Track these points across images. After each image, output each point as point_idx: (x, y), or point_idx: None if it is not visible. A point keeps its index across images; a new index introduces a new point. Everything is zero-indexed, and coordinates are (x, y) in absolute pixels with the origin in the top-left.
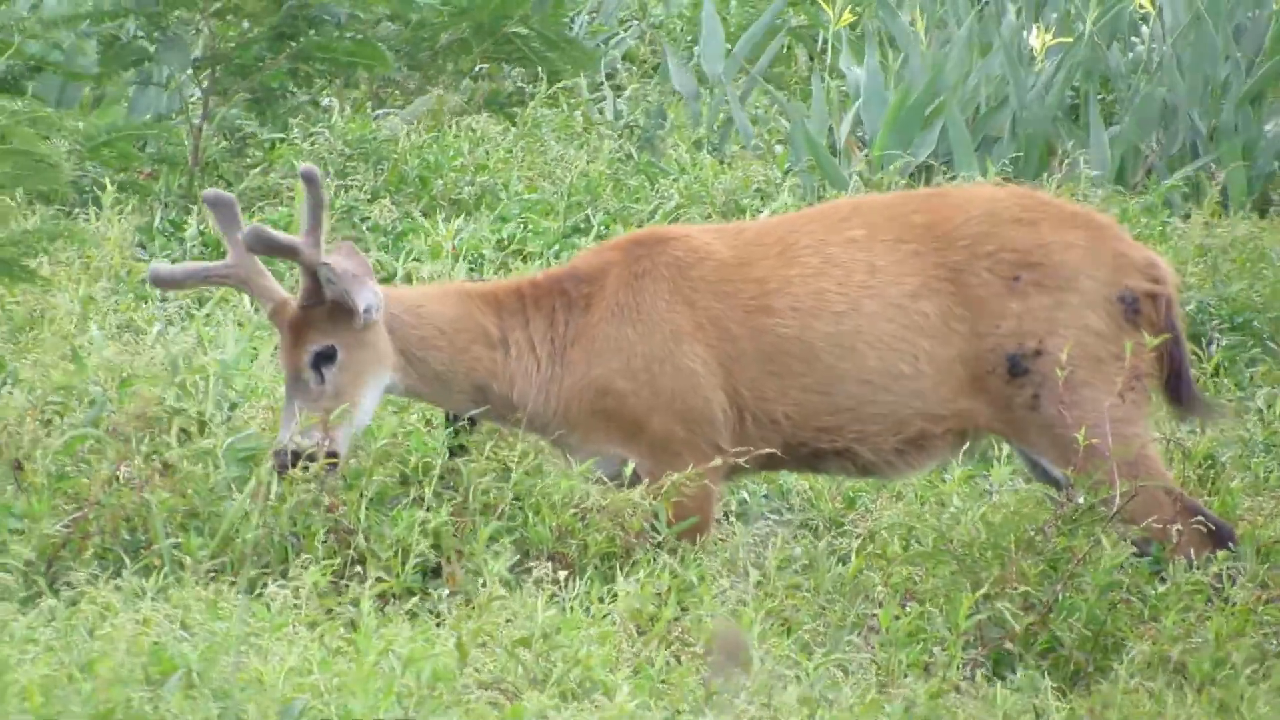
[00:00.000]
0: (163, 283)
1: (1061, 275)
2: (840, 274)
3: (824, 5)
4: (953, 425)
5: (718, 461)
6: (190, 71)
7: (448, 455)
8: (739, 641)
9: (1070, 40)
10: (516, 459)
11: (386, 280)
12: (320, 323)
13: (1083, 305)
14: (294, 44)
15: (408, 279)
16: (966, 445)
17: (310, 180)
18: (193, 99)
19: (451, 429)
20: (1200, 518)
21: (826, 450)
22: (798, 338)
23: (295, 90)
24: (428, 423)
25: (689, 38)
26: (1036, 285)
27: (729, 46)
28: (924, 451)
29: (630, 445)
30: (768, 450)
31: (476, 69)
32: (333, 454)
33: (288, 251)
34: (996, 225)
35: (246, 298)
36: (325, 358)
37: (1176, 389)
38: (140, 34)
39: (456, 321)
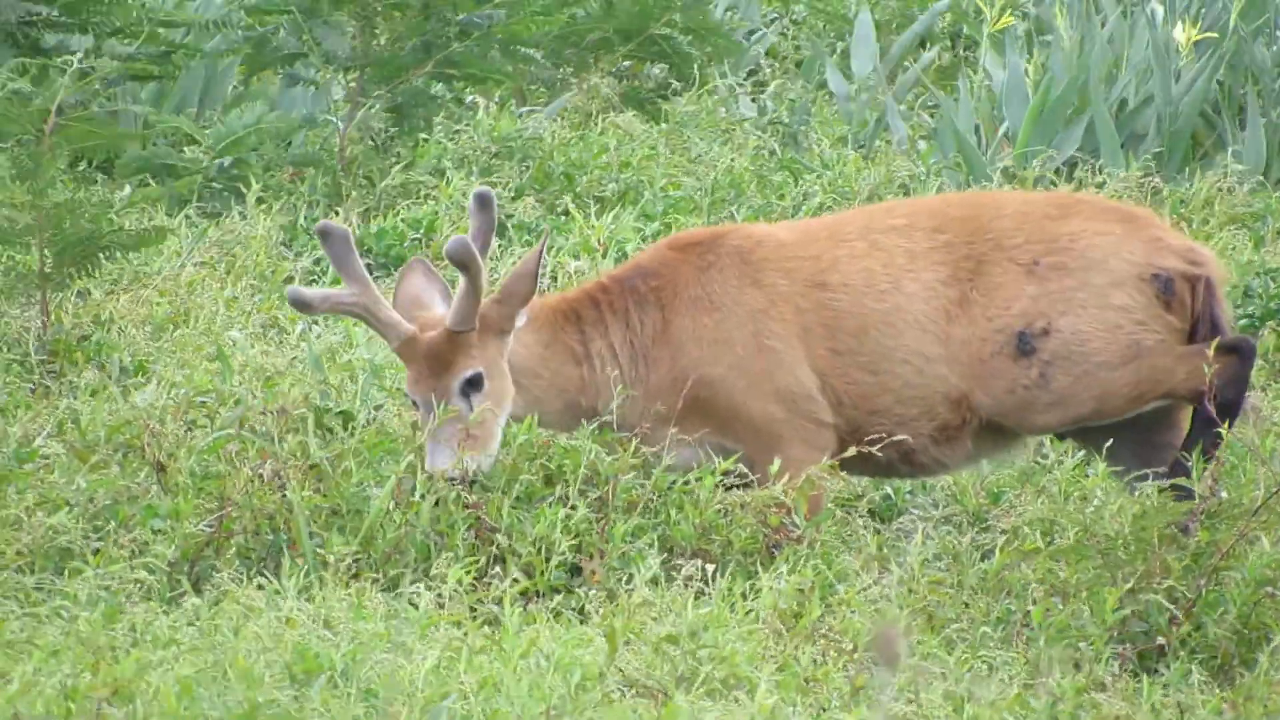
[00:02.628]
0: (300, 305)
1: (1088, 258)
2: (884, 256)
3: (981, 5)
4: (966, 415)
5: (851, 450)
6: (340, 72)
7: None
8: (896, 639)
9: (1215, 35)
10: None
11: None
12: (470, 348)
13: (1109, 285)
14: (440, 51)
15: (553, 277)
16: (982, 443)
17: (484, 202)
18: (336, 100)
19: None
20: None
21: (874, 437)
22: (851, 312)
23: (437, 96)
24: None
25: (832, 34)
26: (1057, 268)
27: (879, 48)
28: (953, 443)
29: (730, 433)
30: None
31: (619, 67)
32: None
33: (475, 270)
34: (1026, 221)
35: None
36: (474, 384)
37: None
38: (290, 33)
39: (550, 346)
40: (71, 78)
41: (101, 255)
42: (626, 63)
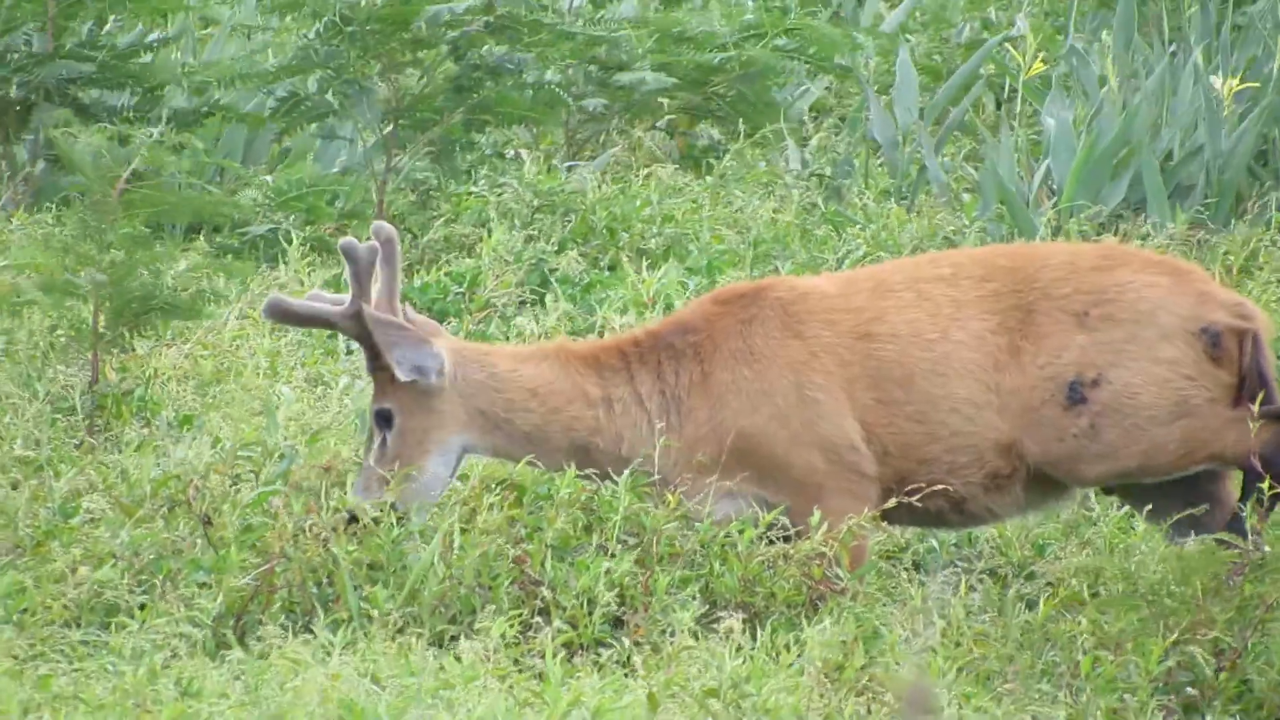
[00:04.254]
0: (277, 315)
1: (1138, 310)
2: (930, 306)
3: (1014, 53)
4: (1015, 463)
5: (892, 502)
6: (375, 125)
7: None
8: (928, 692)
9: (1257, 85)
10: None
11: (576, 332)
12: (384, 384)
13: (1159, 338)
14: (473, 96)
15: (600, 331)
16: (1032, 493)
17: (344, 248)
18: (375, 152)
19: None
20: None
21: (924, 487)
22: (898, 362)
23: (475, 140)
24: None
25: (875, 88)
26: (1107, 319)
27: (922, 100)
28: (1002, 491)
29: (770, 484)
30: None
31: (667, 122)
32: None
33: (315, 322)
34: (1074, 272)
35: None
36: (384, 419)
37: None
38: (321, 90)
39: (551, 384)
40: (145, 146)
41: (156, 316)
42: (671, 116)
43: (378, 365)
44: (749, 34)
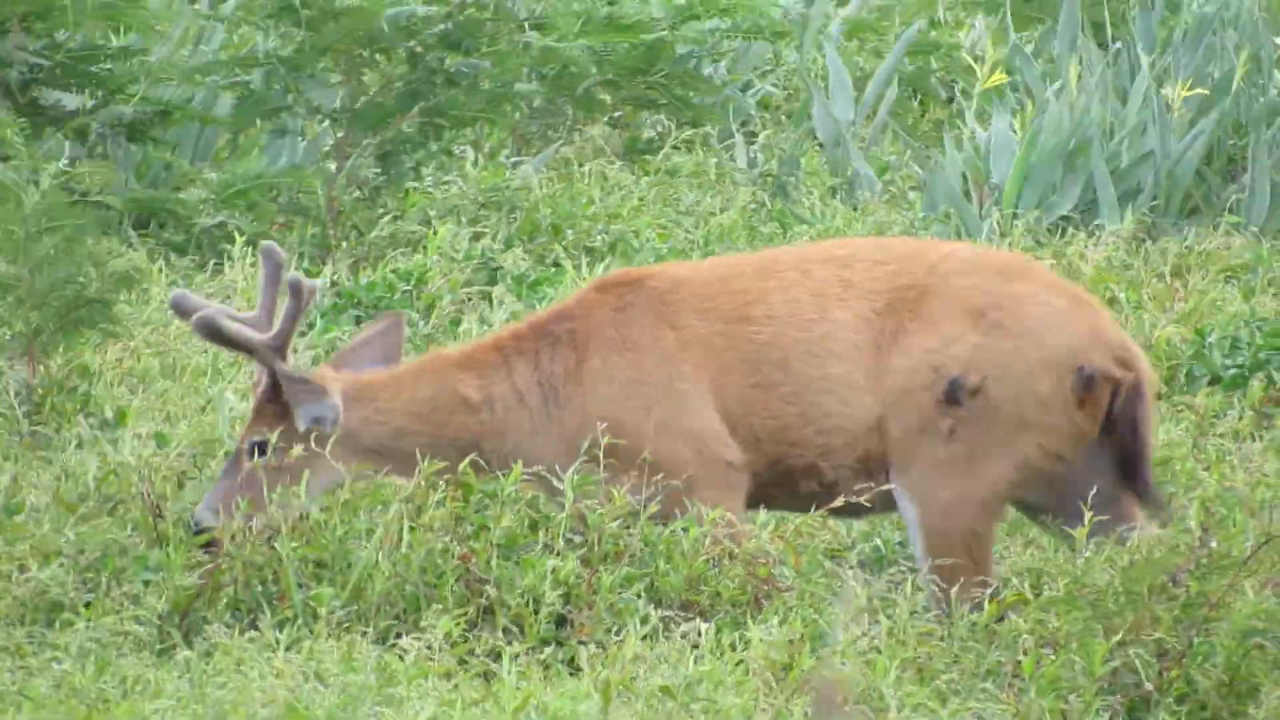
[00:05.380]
0: (182, 311)
1: (1029, 325)
2: (814, 285)
3: (972, 63)
4: (884, 445)
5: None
6: (328, 122)
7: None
8: (836, 693)
9: (1207, 92)
10: (644, 505)
11: None
12: (271, 418)
13: (1039, 365)
14: (428, 99)
15: None
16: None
17: (293, 284)
18: (326, 148)
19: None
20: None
21: (796, 468)
22: (773, 344)
23: (424, 143)
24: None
25: (823, 86)
26: (1000, 327)
27: (856, 94)
28: (873, 477)
29: (642, 475)
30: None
31: (611, 116)
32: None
33: (241, 347)
34: (978, 271)
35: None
36: (261, 451)
37: (1129, 483)
38: (277, 85)
39: (432, 400)
40: (67, 132)
41: (91, 313)
42: (619, 112)
43: (272, 398)
44: (685, 17)
